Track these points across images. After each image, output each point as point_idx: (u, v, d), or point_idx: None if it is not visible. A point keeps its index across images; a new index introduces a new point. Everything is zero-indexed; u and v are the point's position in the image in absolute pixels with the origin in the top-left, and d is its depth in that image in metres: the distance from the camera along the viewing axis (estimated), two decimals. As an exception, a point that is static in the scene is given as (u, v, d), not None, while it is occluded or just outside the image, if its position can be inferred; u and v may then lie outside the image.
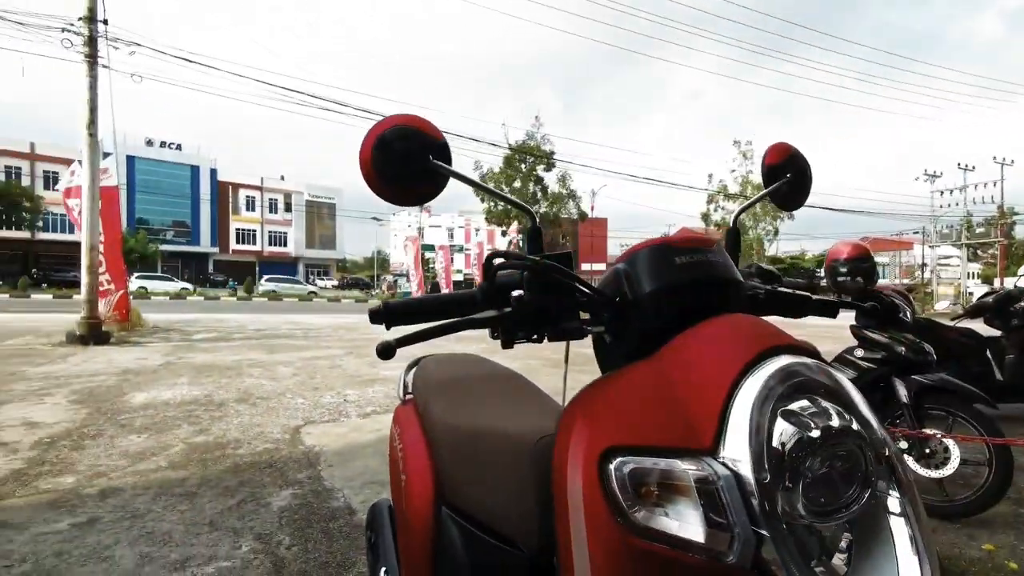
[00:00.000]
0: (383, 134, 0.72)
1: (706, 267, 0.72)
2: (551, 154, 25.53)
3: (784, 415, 0.51)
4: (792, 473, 0.50)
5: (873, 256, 2.79)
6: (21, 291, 24.68)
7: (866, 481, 0.53)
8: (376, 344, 0.65)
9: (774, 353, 0.57)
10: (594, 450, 0.57)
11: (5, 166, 34.26)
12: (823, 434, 0.51)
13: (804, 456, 0.50)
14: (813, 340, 0.67)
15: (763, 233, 26.12)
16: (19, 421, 3.80)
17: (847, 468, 0.52)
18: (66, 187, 10.06)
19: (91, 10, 9.07)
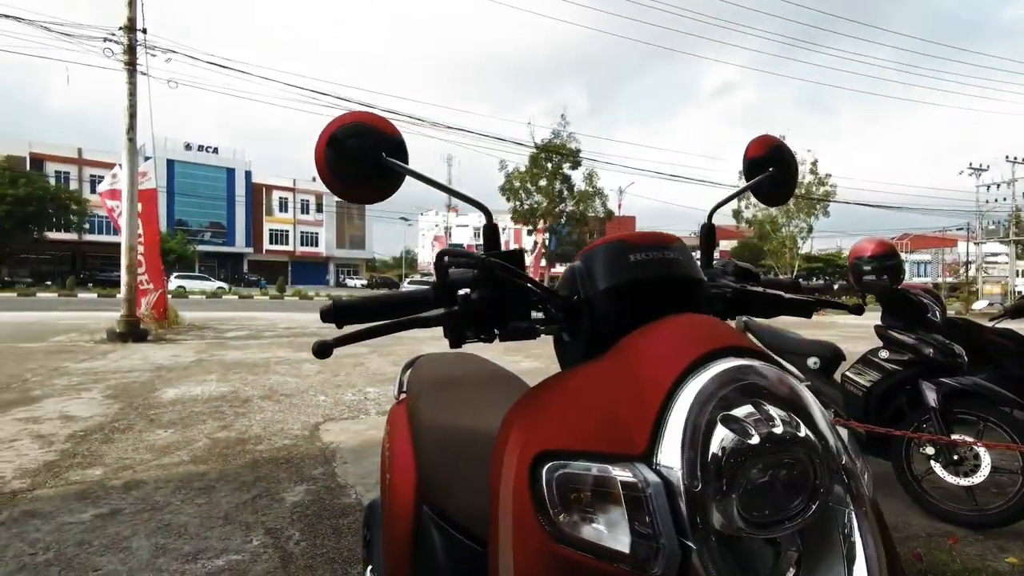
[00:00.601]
0: (335, 132, 0.72)
1: (662, 265, 0.69)
2: (577, 152, 25.38)
3: (724, 420, 0.49)
4: (728, 482, 0.47)
5: (899, 253, 2.67)
6: (69, 290, 25.86)
7: (814, 493, 0.49)
8: (312, 344, 0.65)
9: (722, 355, 0.54)
10: (527, 454, 0.55)
11: (55, 171, 35.91)
12: (763, 441, 0.47)
13: (742, 464, 0.47)
14: (844, 341, 0.64)
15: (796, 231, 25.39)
16: (57, 415, 3.97)
17: (794, 478, 0.49)
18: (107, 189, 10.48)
19: (131, 19, 9.42)
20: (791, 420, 0.49)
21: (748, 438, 0.47)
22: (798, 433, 0.49)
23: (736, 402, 0.50)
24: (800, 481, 0.49)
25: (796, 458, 0.49)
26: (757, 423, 0.48)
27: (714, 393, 0.50)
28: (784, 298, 0.81)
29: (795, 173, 0.95)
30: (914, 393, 2.49)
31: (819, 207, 24.67)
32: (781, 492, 0.48)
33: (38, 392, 4.72)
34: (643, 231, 0.75)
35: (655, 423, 0.51)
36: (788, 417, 0.49)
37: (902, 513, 2.47)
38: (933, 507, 2.40)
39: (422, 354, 1.45)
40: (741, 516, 0.47)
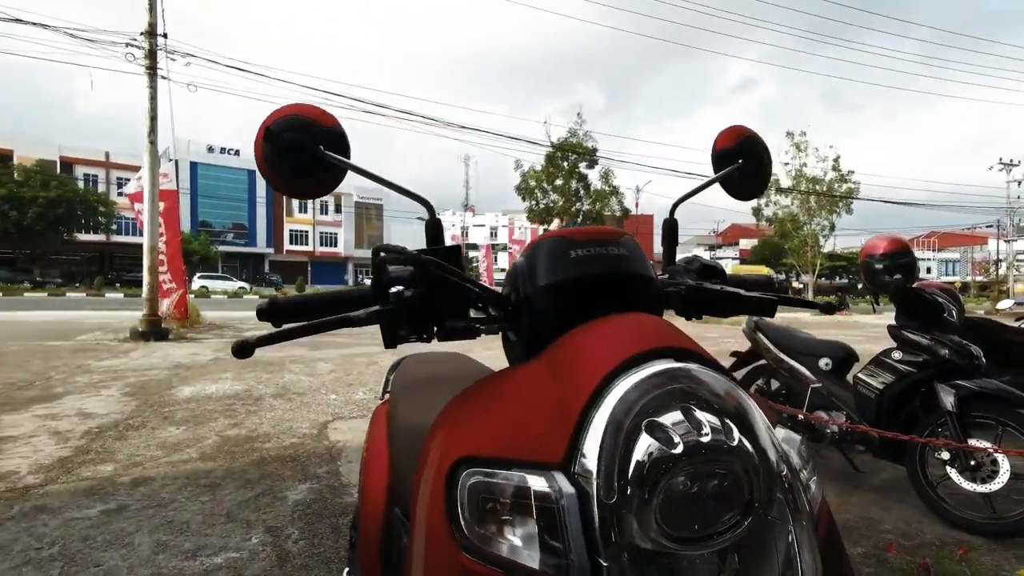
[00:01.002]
0: (271, 126, 0.70)
1: (606, 261, 0.66)
2: (594, 151, 25.19)
3: (649, 427, 0.45)
4: (646, 494, 0.44)
5: (913, 251, 2.58)
6: (97, 290, 26.56)
7: (748, 507, 0.46)
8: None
9: (656, 356, 0.51)
10: (446, 460, 0.53)
11: (84, 173, 36.93)
12: (688, 450, 0.44)
13: (663, 475, 0.44)
14: (867, 341, 0.60)
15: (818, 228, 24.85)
16: (75, 412, 4.06)
17: (725, 491, 0.46)
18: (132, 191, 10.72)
19: (151, 24, 9.63)
20: (724, 428, 0.46)
21: (672, 447, 0.44)
22: (729, 443, 0.45)
23: (664, 408, 0.46)
24: (733, 494, 0.46)
25: (728, 469, 0.45)
26: (684, 431, 0.45)
27: (639, 398, 0.47)
28: (744, 296, 0.77)
29: (767, 165, 0.91)
30: (929, 396, 2.40)
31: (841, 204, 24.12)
32: (711, 505, 0.45)
33: (60, 389, 4.84)
34: (588, 227, 0.72)
35: (575, 429, 0.48)
36: (721, 425, 0.46)
37: (915, 520, 2.38)
38: (948, 514, 2.31)
39: (408, 354, 1.44)
40: (663, 530, 0.44)
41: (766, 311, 0.77)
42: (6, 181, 28.28)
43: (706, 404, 0.47)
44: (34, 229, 28.40)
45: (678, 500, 0.44)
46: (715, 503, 0.45)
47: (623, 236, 0.70)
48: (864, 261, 2.60)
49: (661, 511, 0.44)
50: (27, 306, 16.26)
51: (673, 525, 0.44)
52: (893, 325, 2.61)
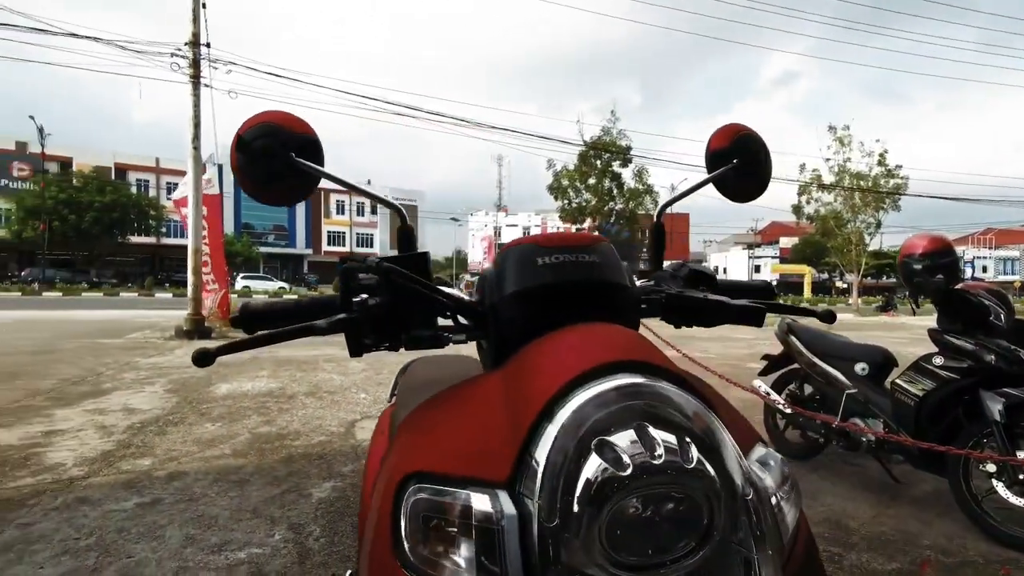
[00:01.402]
0: (243, 134, 0.70)
1: (574, 268, 0.64)
2: (627, 149, 24.89)
3: (599, 446, 0.43)
4: (589, 518, 0.42)
5: (955, 250, 2.43)
6: (147, 290, 27.83)
7: (707, 533, 0.43)
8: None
9: (618, 370, 0.49)
10: (396, 475, 0.52)
11: (136, 179, 38.77)
12: (637, 472, 0.42)
13: (607, 498, 0.42)
14: (913, 344, 0.56)
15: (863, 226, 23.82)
16: (120, 407, 4.26)
17: (682, 515, 0.43)
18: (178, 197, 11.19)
19: (195, 35, 10.02)
20: (681, 449, 0.43)
21: (621, 468, 0.42)
22: (686, 464, 0.43)
23: (618, 426, 0.44)
24: (690, 519, 0.43)
25: (685, 493, 0.43)
26: (636, 451, 0.42)
27: (591, 414, 0.45)
28: (730, 304, 0.73)
29: (766, 164, 0.87)
30: (973, 404, 2.26)
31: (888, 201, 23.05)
32: (665, 530, 0.43)
33: (108, 385, 5.09)
34: (562, 232, 0.71)
35: (523, 446, 0.47)
36: (679, 446, 0.43)
37: (957, 536, 2.25)
38: (994, 530, 2.18)
39: (417, 358, 1.44)
40: (609, 556, 0.42)
41: (754, 319, 0.73)
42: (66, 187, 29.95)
43: (664, 423, 0.45)
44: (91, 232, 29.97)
45: (629, 524, 0.42)
46: (670, 528, 0.43)
47: (598, 243, 0.68)
48: (902, 261, 2.47)
49: (608, 536, 0.42)
50: (84, 305, 17.18)
51: (623, 550, 0.42)
52: (934, 328, 2.47)
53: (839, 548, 2.14)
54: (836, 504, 2.57)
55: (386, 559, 0.48)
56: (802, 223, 27.25)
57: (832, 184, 23.87)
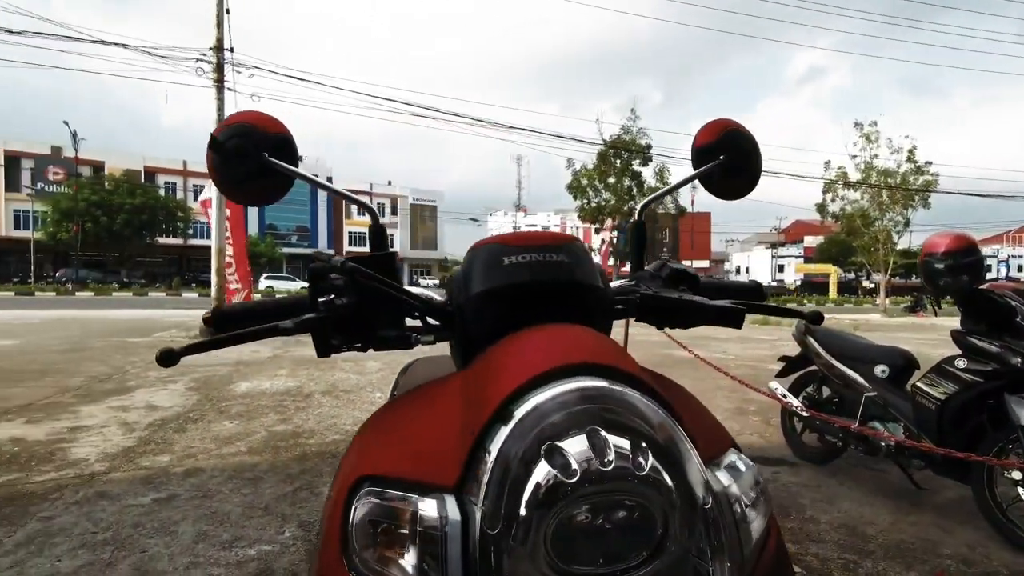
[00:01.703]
0: (217, 135, 0.71)
1: (541, 268, 0.63)
2: (647, 148, 24.63)
3: (548, 452, 0.42)
4: (534, 524, 0.40)
5: (979, 249, 2.34)
6: (175, 290, 28.55)
7: (661, 542, 0.42)
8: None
9: (577, 373, 0.47)
10: (349, 478, 0.51)
11: (164, 182, 39.77)
12: (583, 479, 0.40)
13: (552, 504, 0.40)
14: (944, 346, 0.53)
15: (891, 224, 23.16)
16: (143, 404, 4.37)
17: (634, 523, 0.42)
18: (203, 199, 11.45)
19: (219, 40, 10.24)
20: (634, 456, 0.42)
21: (568, 475, 0.41)
22: (638, 472, 0.41)
23: (570, 431, 0.42)
24: (643, 527, 0.42)
25: (638, 501, 0.41)
26: (585, 457, 0.41)
27: (542, 419, 0.43)
28: (707, 305, 0.71)
29: (755, 160, 0.84)
30: (998, 409, 2.18)
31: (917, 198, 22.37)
32: (616, 539, 0.41)
33: (133, 383, 5.22)
34: (530, 232, 0.69)
35: (472, 450, 0.46)
36: (632, 452, 0.42)
37: (980, 544, 2.17)
38: (1019, 539, 2.09)
39: (420, 357, 1.44)
40: (554, 564, 0.41)
41: (732, 321, 0.71)
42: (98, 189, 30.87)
43: (619, 428, 0.43)
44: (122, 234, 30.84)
45: (577, 532, 0.41)
46: (621, 537, 0.41)
47: (567, 242, 0.67)
48: (924, 260, 2.38)
49: (554, 544, 0.40)
50: (115, 304, 17.69)
51: (570, 559, 0.41)
52: (957, 330, 2.39)
53: (855, 555, 2.08)
54: (853, 510, 2.50)
55: (334, 563, 0.48)
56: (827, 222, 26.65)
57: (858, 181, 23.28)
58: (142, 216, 31.24)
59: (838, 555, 2.09)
